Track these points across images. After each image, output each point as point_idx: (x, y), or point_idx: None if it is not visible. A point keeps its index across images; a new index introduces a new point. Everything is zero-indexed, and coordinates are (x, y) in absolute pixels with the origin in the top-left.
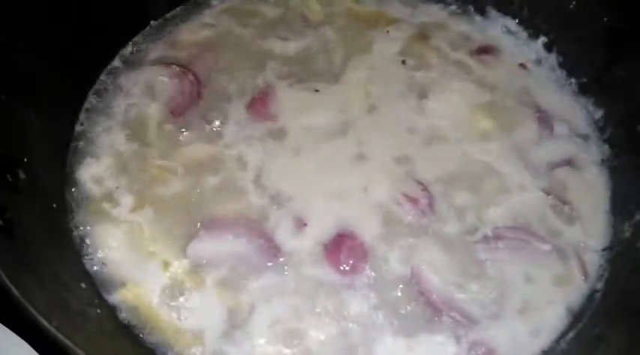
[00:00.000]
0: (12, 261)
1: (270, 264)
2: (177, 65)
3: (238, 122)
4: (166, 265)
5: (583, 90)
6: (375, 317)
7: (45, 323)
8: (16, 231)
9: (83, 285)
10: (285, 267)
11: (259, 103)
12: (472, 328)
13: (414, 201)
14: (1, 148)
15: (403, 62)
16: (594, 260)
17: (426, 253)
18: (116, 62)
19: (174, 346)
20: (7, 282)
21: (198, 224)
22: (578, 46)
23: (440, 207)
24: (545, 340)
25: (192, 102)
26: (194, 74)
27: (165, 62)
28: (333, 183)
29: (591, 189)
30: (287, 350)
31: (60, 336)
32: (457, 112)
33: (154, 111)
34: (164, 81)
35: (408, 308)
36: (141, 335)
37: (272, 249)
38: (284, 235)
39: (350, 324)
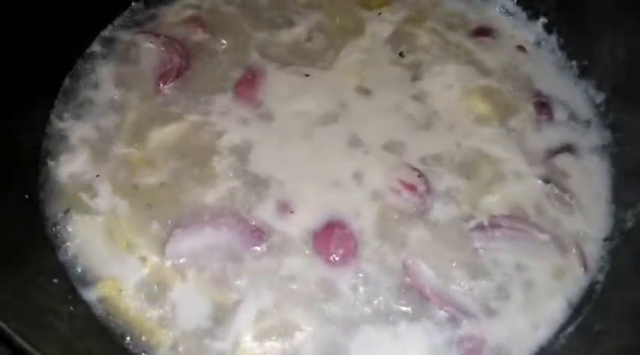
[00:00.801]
0: None
1: (254, 248)
2: (164, 36)
3: (224, 104)
4: (145, 260)
5: (584, 73)
6: (363, 309)
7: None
8: None
9: (55, 280)
10: (271, 256)
11: (246, 86)
12: (467, 321)
13: (411, 187)
14: None
15: (398, 50)
16: (595, 251)
17: (420, 243)
18: (95, 46)
19: (154, 345)
20: None
21: (177, 217)
22: (579, 27)
23: (435, 196)
24: (543, 334)
25: (179, 76)
26: (181, 45)
27: (153, 33)
28: (323, 170)
29: (592, 177)
30: (273, 344)
31: (18, 340)
32: (452, 96)
33: (137, 90)
34: (151, 48)
35: (399, 300)
36: (118, 334)
37: (256, 233)
38: (269, 221)
39: (337, 316)
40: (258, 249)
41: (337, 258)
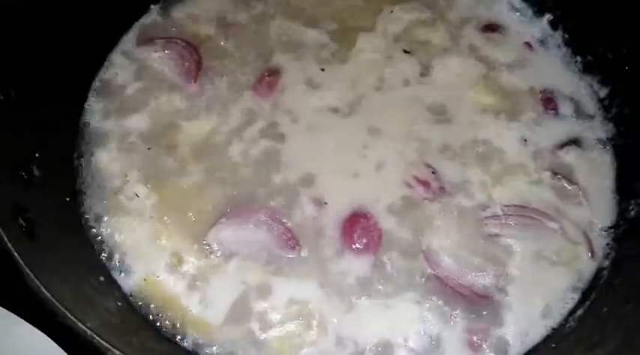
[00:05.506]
0: (38, 263)
1: (290, 256)
2: (159, 38)
3: (245, 101)
4: (182, 256)
5: (588, 68)
6: (383, 294)
7: (81, 325)
8: (36, 229)
9: (102, 278)
10: (304, 251)
11: (266, 82)
12: (480, 304)
13: (425, 183)
14: (13, 146)
15: (407, 45)
16: (601, 239)
17: (438, 232)
18: (125, 42)
19: (195, 333)
20: (42, 288)
21: (218, 213)
22: (584, 23)
23: (450, 188)
24: (554, 317)
25: (200, 69)
26: (187, 42)
27: (145, 39)
28: (346, 162)
29: (597, 169)
30: (298, 324)
31: (97, 338)
32: (461, 90)
33: (163, 94)
34: (159, 56)
35: (418, 286)
36: (161, 326)
37: (291, 241)
38: (302, 217)
39: (359, 302)
40: (292, 252)
41: (361, 247)
